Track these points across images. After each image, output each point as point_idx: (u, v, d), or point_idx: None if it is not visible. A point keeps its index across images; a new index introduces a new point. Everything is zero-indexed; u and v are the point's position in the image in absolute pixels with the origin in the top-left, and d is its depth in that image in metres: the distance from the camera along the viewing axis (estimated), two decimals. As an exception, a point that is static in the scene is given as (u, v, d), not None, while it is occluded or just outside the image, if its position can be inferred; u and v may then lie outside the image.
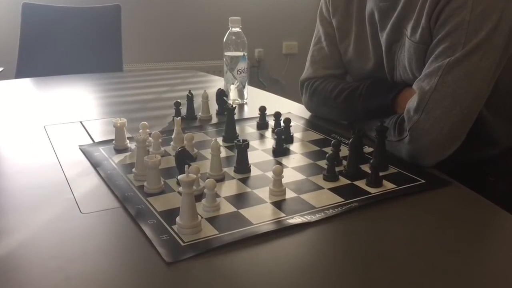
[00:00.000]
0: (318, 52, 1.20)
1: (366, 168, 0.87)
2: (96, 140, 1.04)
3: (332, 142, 0.89)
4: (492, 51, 0.88)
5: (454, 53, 0.87)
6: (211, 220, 0.71)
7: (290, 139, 1.02)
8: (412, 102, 0.91)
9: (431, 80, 0.89)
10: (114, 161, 0.92)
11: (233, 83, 1.34)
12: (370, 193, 0.79)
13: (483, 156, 1.04)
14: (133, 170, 0.85)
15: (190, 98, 1.20)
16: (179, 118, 1.01)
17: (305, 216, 0.71)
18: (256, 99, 1.36)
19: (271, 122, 1.11)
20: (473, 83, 0.88)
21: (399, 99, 0.99)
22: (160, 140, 0.95)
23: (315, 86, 1.18)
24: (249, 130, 1.12)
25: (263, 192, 0.79)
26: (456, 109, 0.87)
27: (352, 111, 1.08)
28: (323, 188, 0.81)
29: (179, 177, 0.67)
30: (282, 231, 0.68)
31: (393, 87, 1.01)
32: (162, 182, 0.81)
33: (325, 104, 1.16)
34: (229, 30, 1.32)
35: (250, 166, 0.88)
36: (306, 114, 1.24)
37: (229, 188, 0.82)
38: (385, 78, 1.07)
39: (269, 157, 0.95)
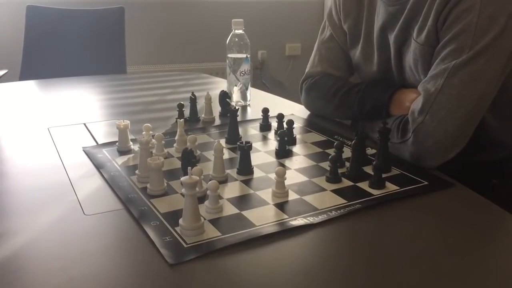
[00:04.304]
0: (327, 51, 1.22)
1: (368, 169, 0.87)
2: (99, 142, 1.04)
3: (335, 143, 0.89)
4: (499, 54, 0.87)
5: (460, 55, 0.87)
6: (214, 222, 0.71)
7: (293, 141, 1.03)
8: (417, 104, 0.91)
9: (436, 82, 0.89)
10: (117, 163, 0.93)
11: (236, 85, 1.34)
12: (373, 195, 0.79)
13: (489, 159, 1.04)
14: (136, 172, 0.85)
15: (193, 100, 1.20)
16: (182, 120, 1.01)
17: (308, 218, 0.71)
18: (259, 101, 1.36)
19: (274, 124, 1.11)
20: (478, 86, 0.87)
21: (394, 99, 0.99)
22: (163, 142, 0.95)
23: (316, 79, 1.20)
24: (252, 131, 1.12)
25: (266, 194, 0.79)
26: (461, 111, 0.87)
27: (347, 108, 1.10)
28: (325, 190, 0.81)
29: (182, 178, 0.68)
30: (285, 232, 0.68)
31: (389, 87, 1.02)
32: (165, 184, 0.81)
33: (322, 98, 1.17)
34: (232, 32, 1.32)
35: (252, 168, 0.88)
36: (309, 116, 1.24)
37: (232, 189, 0.82)
38: (387, 79, 1.07)
39: (272, 159, 0.95)
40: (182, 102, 1.18)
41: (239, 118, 1.06)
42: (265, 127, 1.12)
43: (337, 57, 1.20)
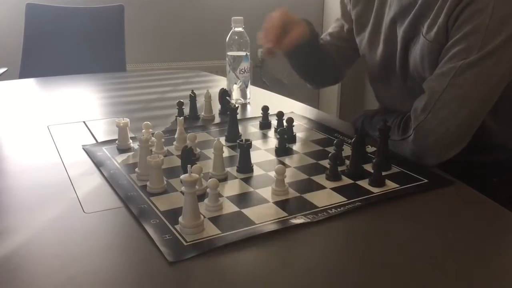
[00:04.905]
0: (332, 29, 1.29)
1: (368, 167, 0.87)
2: (99, 140, 1.04)
3: (335, 141, 0.89)
4: (507, 58, 0.87)
5: (468, 56, 0.86)
6: (214, 220, 0.71)
7: (293, 139, 1.02)
8: (420, 101, 0.91)
9: (442, 80, 0.88)
10: (117, 161, 0.92)
11: (235, 83, 1.34)
12: (373, 193, 0.79)
13: (490, 159, 1.04)
14: (136, 169, 0.85)
15: (192, 98, 1.20)
16: (181, 118, 1.01)
17: (308, 216, 0.71)
18: (258, 99, 1.36)
19: (274, 122, 1.11)
20: (484, 88, 0.87)
21: None
22: (163, 140, 0.95)
23: None
24: (252, 129, 1.12)
25: (266, 192, 0.79)
26: (464, 111, 0.87)
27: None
28: (325, 188, 0.81)
29: (181, 176, 0.68)
30: (285, 230, 0.68)
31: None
32: (165, 182, 0.81)
33: None
34: (231, 30, 1.32)
35: (252, 166, 0.88)
36: (309, 113, 1.24)
37: (232, 187, 0.82)
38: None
39: (272, 157, 0.95)
40: (181, 100, 1.17)
41: (238, 116, 1.06)
42: (265, 125, 1.12)
43: (338, 34, 1.26)
